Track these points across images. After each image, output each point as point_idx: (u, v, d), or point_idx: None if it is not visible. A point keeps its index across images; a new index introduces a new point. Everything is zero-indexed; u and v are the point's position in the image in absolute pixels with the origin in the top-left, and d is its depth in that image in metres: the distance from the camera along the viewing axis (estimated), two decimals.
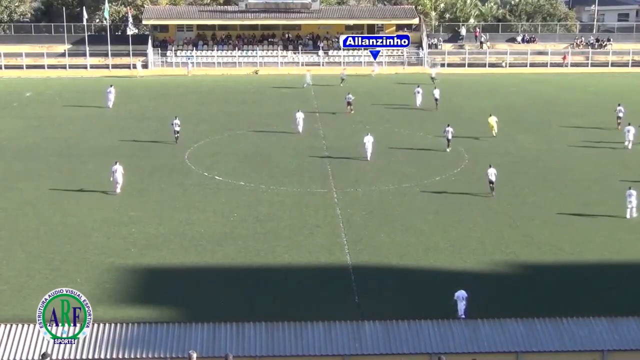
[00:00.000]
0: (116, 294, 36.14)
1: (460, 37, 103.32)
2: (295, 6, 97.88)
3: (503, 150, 60.60)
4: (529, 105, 77.32)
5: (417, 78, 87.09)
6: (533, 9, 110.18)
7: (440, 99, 74.44)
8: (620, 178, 53.72)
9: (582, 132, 66.63)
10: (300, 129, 64.92)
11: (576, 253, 41.81)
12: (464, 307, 33.57)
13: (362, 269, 39.29)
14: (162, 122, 67.50)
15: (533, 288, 37.98)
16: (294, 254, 41.19)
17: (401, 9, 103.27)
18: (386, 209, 48.02)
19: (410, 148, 61.30)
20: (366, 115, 71.43)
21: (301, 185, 52.19)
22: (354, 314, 32.98)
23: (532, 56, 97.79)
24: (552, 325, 29.15)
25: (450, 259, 40.45)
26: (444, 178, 53.97)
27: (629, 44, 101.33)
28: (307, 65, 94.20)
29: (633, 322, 29.50)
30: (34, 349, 27.74)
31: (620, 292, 37.47)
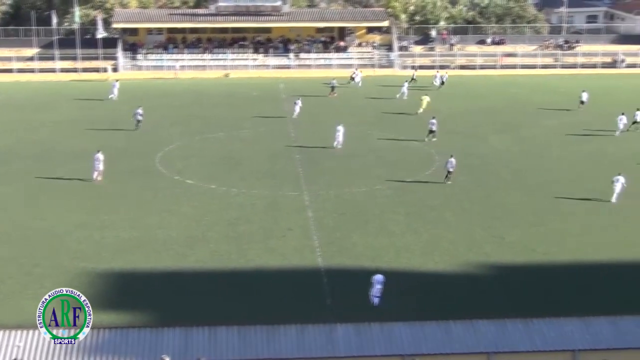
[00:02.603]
0: (88, 299, 35.79)
1: (430, 39, 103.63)
2: (265, 9, 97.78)
3: (475, 152, 60.81)
4: (500, 106, 77.67)
5: (389, 80, 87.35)
6: (502, 11, 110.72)
7: None
8: (591, 179, 54.20)
9: (554, 133, 67.03)
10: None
11: (548, 253, 42.00)
12: (377, 291, 34.76)
13: (334, 271, 39.26)
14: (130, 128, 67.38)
15: (505, 289, 38.10)
16: (266, 257, 41.11)
17: (371, 11, 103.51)
18: (358, 211, 48.04)
19: (382, 150, 61.39)
20: (338, 118, 71.33)
21: (273, 188, 52.13)
22: (326, 316, 32.92)
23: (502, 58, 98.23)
24: (524, 326, 29.30)
25: (422, 260, 40.52)
26: (416, 179, 54.08)
27: (598, 46, 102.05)
28: (277, 68, 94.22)
29: (604, 321, 29.71)
30: (4, 355, 27.49)
31: (592, 292, 37.70)
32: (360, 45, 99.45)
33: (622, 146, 62.92)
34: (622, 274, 39.84)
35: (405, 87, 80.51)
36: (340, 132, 61.43)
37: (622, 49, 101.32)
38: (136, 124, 66.87)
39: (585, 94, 76.95)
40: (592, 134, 66.85)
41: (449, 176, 52.91)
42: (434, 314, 31.63)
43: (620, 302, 35.75)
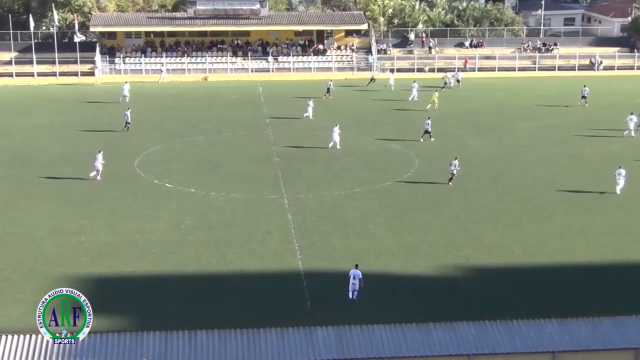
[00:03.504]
0: None
1: (409, 42, 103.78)
2: (244, 12, 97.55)
3: (454, 154, 60.81)
4: (479, 109, 77.80)
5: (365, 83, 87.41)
6: (481, 14, 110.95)
7: None
8: (570, 181, 54.45)
9: (533, 135, 67.25)
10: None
11: (527, 255, 42.20)
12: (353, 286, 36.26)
13: (314, 275, 39.31)
14: (111, 131, 67.22)
15: (484, 291, 38.27)
16: (246, 260, 41.10)
17: (350, 14, 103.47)
18: (338, 214, 48.08)
19: (361, 153, 61.44)
20: (317, 121, 71.42)
21: (252, 191, 52.08)
22: (306, 320, 32.92)
23: (480, 60, 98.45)
24: (504, 327, 29.36)
25: (402, 263, 40.61)
26: (395, 182, 54.18)
27: (575, 48, 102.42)
28: (256, 71, 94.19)
29: (583, 322, 29.82)
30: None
31: (571, 293, 37.92)
32: (339, 49, 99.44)
33: (600, 147, 63.21)
34: (600, 275, 40.10)
35: (415, 89, 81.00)
36: (336, 132, 62.07)
37: (600, 51, 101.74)
38: (125, 126, 67.27)
39: (586, 88, 79.31)
40: (572, 136, 67.11)
41: (453, 178, 53.34)
42: (414, 316, 31.65)
43: (598, 304, 35.98)
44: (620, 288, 38.70)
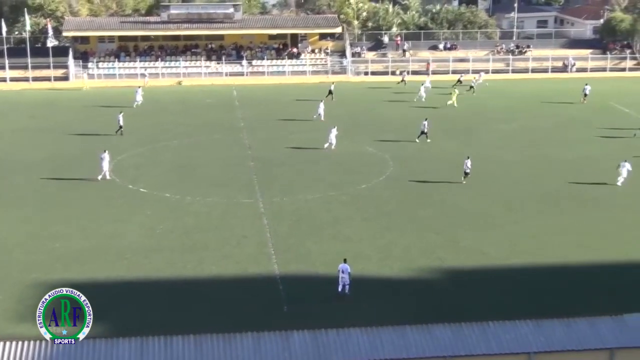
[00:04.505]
0: None
1: (383, 45, 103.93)
2: (217, 16, 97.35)
3: (428, 157, 61.10)
4: (453, 111, 77.96)
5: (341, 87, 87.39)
6: (454, 16, 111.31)
7: None
8: (543, 182, 54.72)
9: (507, 137, 67.49)
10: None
11: (502, 257, 42.38)
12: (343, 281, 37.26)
13: (290, 279, 39.29)
14: (84, 137, 66.96)
15: (460, 293, 38.38)
16: (221, 265, 41.02)
17: (324, 18, 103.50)
18: (313, 218, 48.08)
19: (337, 156, 61.43)
20: (291, 125, 71.44)
21: (227, 195, 51.98)
22: (283, 323, 32.85)
23: (453, 63, 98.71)
24: (479, 329, 29.36)
25: (377, 265, 40.65)
26: (370, 185, 54.23)
27: (548, 50, 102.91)
28: (230, 75, 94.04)
29: (558, 323, 29.88)
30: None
31: (546, 294, 38.10)
32: (313, 52, 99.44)
33: (574, 149, 63.50)
34: (574, 276, 40.29)
35: (422, 91, 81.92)
36: (333, 133, 62.66)
37: (572, 53, 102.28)
38: (117, 130, 67.31)
39: (588, 87, 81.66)
40: (547, 138, 67.41)
41: (466, 177, 54.51)
42: (390, 319, 31.68)
43: (573, 304, 36.17)
44: (594, 288, 38.94)
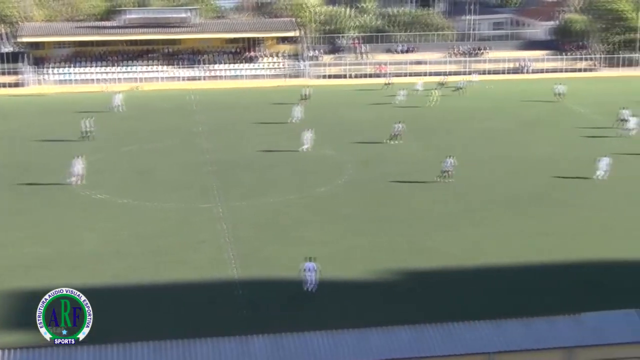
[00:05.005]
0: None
1: (340, 48, 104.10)
2: (174, 21, 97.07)
3: (389, 159, 61.20)
4: (414, 113, 78.13)
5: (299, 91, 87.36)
6: (411, 19, 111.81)
7: None
8: (505, 183, 55.08)
9: (467, 138, 67.77)
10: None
11: (463, 258, 42.53)
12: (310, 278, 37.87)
13: (249, 283, 39.16)
14: (42, 143, 66.38)
15: (421, 294, 38.46)
16: (180, 270, 40.78)
17: (281, 21, 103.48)
18: (273, 222, 47.99)
19: (296, 160, 61.39)
20: (250, 129, 71.31)
21: (186, 200, 51.74)
22: (242, 328, 32.74)
23: (410, 65, 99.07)
24: (441, 330, 29.47)
25: (339, 268, 40.57)
26: (330, 189, 54.24)
27: (504, 52, 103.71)
28: (187, 79, 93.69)
29: (517, 323, 30.10)
30: None
31: (506, 294, 38.31)
32: (270, 56, 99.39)
33: (530, 150, 63.96)
34: (533, 276, 40.54)
35: (402, 95, 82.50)
36: (307, 136, 63.21)
37: (528, 54, 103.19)
38: (86, 135, 67.04)
39: (561, 86, 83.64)
40: (508, 139, 67.81)
41: (444, 175, 55.49)
42: (351, 322, 31.63)
43: (532, 304, 36.40)
44: (552, 288, 39.20)
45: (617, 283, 39.60)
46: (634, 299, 35.65)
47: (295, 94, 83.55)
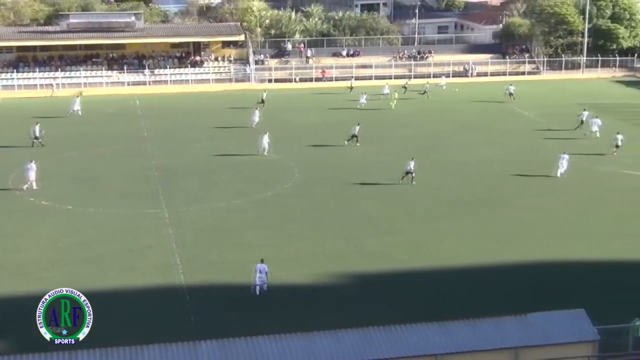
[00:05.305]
0: None
1: (286, 52, 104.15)
2: (118, 25, 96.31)
3: (334, 163, 61.28)
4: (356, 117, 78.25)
5: (245, 95, 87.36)
6: (356, 23, 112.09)
7: None
8: (447, 186, 55.40)
9: (410, 142, 68.01)
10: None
11: (407, 260, 42.73)
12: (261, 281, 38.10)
13: (196, 288, 38.99)
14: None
15: (366, 297, 38.55)
16: (126, 276, 40.46)
17: (226, 25, 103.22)
18: (219, 227, 47.82)
19: (242, 164, 61.21)
20: (196, 134, 70.98)
21: (131, 206, 51.35)
22: (190, 333, 32.58)
23: (356, 69, 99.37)
24: (387, 333, 29.57)
25: (284, 273, 40.51)
26: (276, 193, 54.17)
27: (449, 55, 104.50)
28: (132, 84, 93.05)
29: (463, 324, 30.28)
30: None
31: (451, 296, 38.56)
32: (216, 60, 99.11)
33: (471, 153, 64.41)
34: (477, 277, 40.85)
35: (363, 98, 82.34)
36: (264, 140, 63.20)
37: (472, 58, 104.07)
38: (34, 141, 66.08)
39: (512, 87, 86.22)
40: (449, 142, 68.24)
41: (405, 177, 55.75)
42: (298, 326, 31.63)
43: (478, 305, 36.64)
44: (497, 289, 39.54)
45: (562, 283, 40.05)
46: (578, 298, 36.04)
47: (242, 98, 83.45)
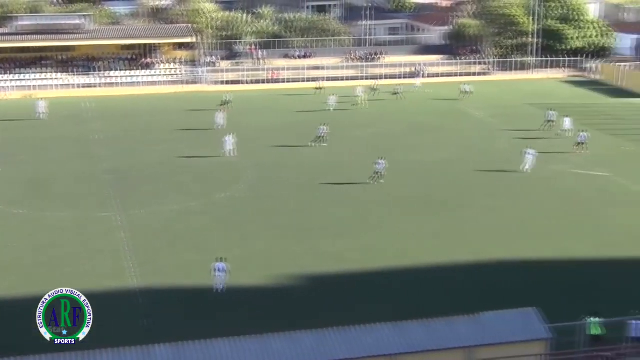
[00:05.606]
0: None
1: (237, 54, 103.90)
2: (68, 27, 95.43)
3: (285, 165, 61.27)
4: (310, 118, 78.36)
5: (197, 96, 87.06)
6: (308, 25, 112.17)
7: None
8: (399, 187, 55.60)
9: (364, 144, 68.10)
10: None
11: (360, 261, 42.83)
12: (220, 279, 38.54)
13: (149, 292, 38.80)
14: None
15: (320, 299, 38.63)
16: (78, 280, 39.95)
17: (177, 27, 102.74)
18: (172, 229, 47.62)
19: (195, 167, 60.98)
20: (147, 136, 70.58)
21: (84, 210, 50.94)
22: (143, 337, 32.38)
23: (308, 71, 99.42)
24: (342, 334, 29.61)
25: (237, 275, 40.36)
26: (228, 195, 54.05)
27: (400, 56, 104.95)
28: (82, 87, 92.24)
29: (417, 324, 30.43)
30: None
31: (405, 296, 38.75)
32: (168, 62, 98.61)
33: (427, 154, 64.76)
34: (430, 277, 41.09)
35: (332, 100, 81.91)
36: (229, 141, 63.20)
37: (423, 59, 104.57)
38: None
39: (467, 86, 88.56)
40: (401, 143, 68.42)
41: (375, 177, 56.23)
42: (251, 328, 31.58)
43: (431, 305, 36.86)
44: (450, 289, 39.82)
45: (514, 283, 40.41)
46: (529, 298, 36.37)
47: (194, 100, 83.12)
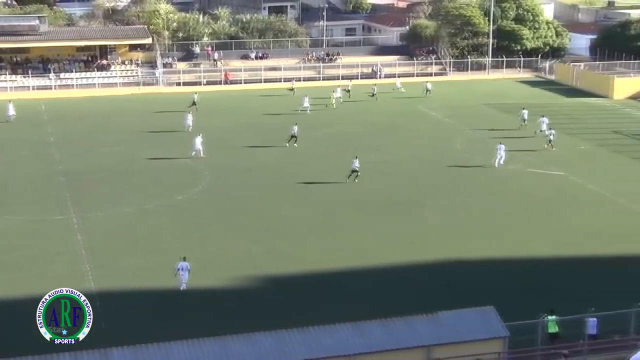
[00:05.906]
0: None
1: (194, 55, 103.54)
2: (22, 29, 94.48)
3: (244, 166, 61.12)
4: (264, 120, 78.32)
5: (153, 98, 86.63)
6: (264, 26, 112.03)
7: None
8: (361, 188, 55.67)
9: (319, 145, 68.12)
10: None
11: (319, 262, 42.86)
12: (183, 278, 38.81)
13: (107, 294, 38.49)
14: None
15: (279, 299, 38.59)
16: (35, 284, 39.57)
17: (133, 29, 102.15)
18: (129, 232, 47.32)
19: (151, 168, 60.66)
20: (103, 138, 70.08)
21: (39, 212, 50.45)
22: (101, 340, 32.09)
23: (265, 72, 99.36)
24: (300, 335, 29.59)
25: (195, 277, 40.21)
26: (187, 197, 53.82)
27: (357, 57, 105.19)
28: (37, 89, 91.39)
29: (375, 324, 30.47)
30: None
31: (363, 296, 38.81)
32: (124, 64, 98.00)
33: (384, 153, 64.91)
34: (389, 277, 41.19)
35: (306, 101, 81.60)
36: (198, 142, 63.18)
37: (380, 59, 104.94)
38: None
39: (429, 84, 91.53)
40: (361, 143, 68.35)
41: (352, 175, 56.56)
42: (210, 330, 31.43)
43: (389, 305, 36.93)
44: (408, 288, 39.96)
45: (471, 282, 40.63)
46: (487, 296, 36.61)
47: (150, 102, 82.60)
